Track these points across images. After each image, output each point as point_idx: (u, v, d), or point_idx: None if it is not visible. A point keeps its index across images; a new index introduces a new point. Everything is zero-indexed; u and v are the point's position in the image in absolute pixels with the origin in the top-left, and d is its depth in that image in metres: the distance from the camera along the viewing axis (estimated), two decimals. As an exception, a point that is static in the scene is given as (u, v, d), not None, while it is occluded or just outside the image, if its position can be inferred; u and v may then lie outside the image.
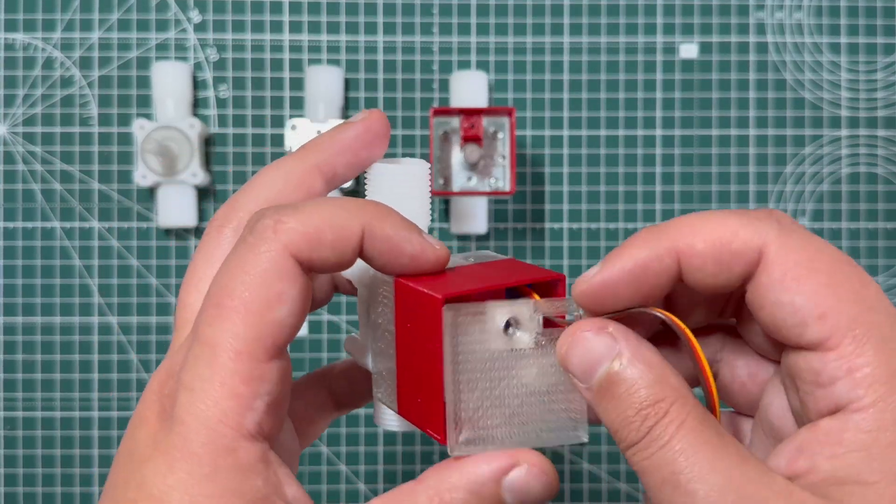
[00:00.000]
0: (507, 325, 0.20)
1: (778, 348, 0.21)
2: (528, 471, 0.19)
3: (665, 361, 0.19)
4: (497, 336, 0.20)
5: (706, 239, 0.19)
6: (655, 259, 0.19)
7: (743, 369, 0.22)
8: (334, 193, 0.26)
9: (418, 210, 0.23)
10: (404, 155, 0.46)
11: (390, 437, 0.45)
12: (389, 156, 0.45)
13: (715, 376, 0.22)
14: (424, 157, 0.46)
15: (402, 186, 0.23)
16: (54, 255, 0.45)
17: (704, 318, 0.22)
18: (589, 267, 0.20)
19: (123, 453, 0.21)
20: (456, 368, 0.19)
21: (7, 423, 0.45)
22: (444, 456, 0.23)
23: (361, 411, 0.45)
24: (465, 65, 0.46)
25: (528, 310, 0.20)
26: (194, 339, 0.19)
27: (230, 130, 0.46)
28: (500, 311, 0.20)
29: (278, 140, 0.46)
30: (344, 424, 0.45)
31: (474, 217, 0.45)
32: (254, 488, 0.18)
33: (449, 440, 0.19)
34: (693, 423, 0.18)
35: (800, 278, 0.18)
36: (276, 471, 0.19)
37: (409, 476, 0.45)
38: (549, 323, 0.21)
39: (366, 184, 0.24)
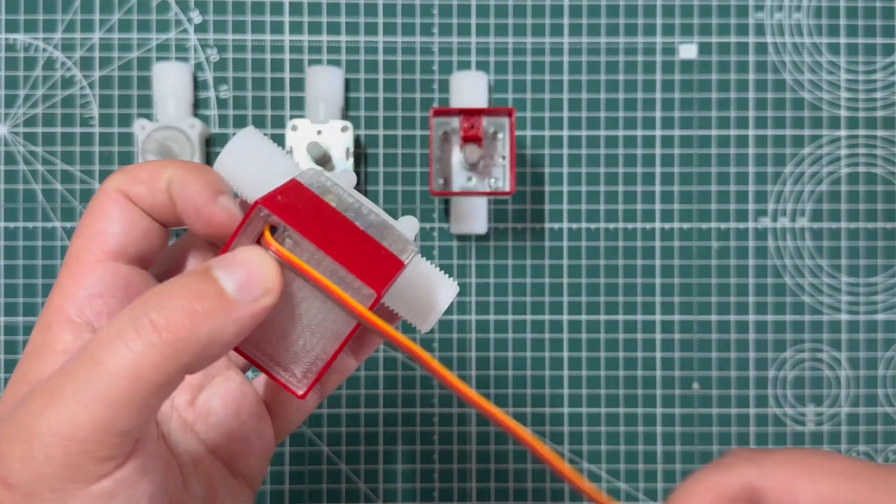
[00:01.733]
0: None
1: None
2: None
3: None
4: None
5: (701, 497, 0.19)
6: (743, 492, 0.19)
7: None
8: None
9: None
10: (403, 155, 0.46)
11: (390, 438, 0.46)
12: (391, 157, 0.45)
13: None
14: (424, 157, 0.46)
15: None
16: (55, 256, 0.45)
17: None
18: (585, 267, 0.21)
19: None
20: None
21: (8, 422, 0.45)
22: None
23: (362, 411, 0.46)
24: (465, 65, 0.46)
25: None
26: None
27: (231, 131, 0.46)
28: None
29: (279, 140, 0.46)
30: (344, 424, 0.46)
31: (474, 217, 0.45)
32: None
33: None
34: None
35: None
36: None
37: (410, 475, 0.45)
38: None
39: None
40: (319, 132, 0.43)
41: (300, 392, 0.22)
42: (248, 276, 0.19)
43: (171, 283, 0.19)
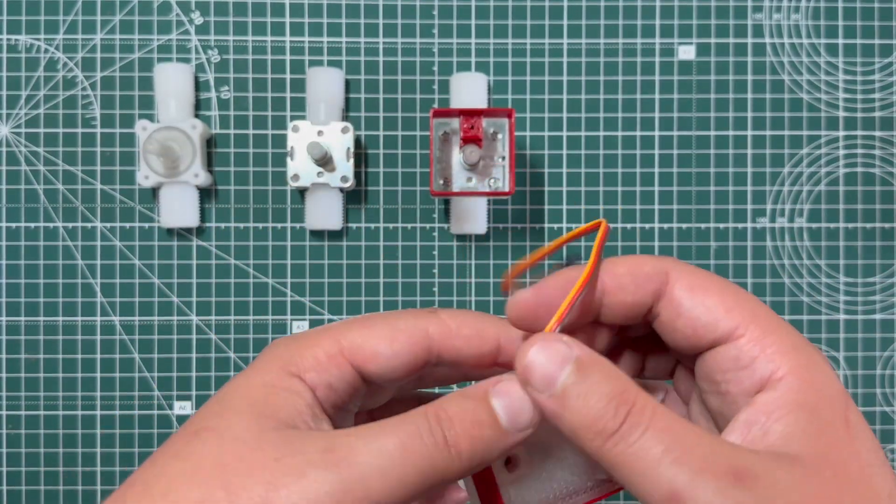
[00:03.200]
0: None
1: (685, 369, 0.25)
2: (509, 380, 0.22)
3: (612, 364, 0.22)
4: None
5: (625, 264, 0.23)
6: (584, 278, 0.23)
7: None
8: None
9: None
10: (403, 155, 0.46)
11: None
12: (391, 157, 0.45)
13: None
14: (424, 157, 0.46)
15: None
16: (57, 256, 0.46)
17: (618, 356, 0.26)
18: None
19: None
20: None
21: (10, 421, 0.45)
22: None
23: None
24: (464, 66, 0.46)
25: None
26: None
27: (232, 131, 0.46)
28: None
29: (280, 141, 0.46)
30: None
31: (474, 217, 0.45)
32: (297, 402, 0.22)
33: None
34: (660, 408, 0.20)
35: (704, 287, 0.22)
36: (319, 409, 0.23)
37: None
38: None
39: None
40: (320, 133, 0.43)
41: None
42: (518, 407, 0.21)
43: (459, 403, 0.22)
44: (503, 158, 0.42)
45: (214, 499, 0.19)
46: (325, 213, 0.44)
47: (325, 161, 0.43)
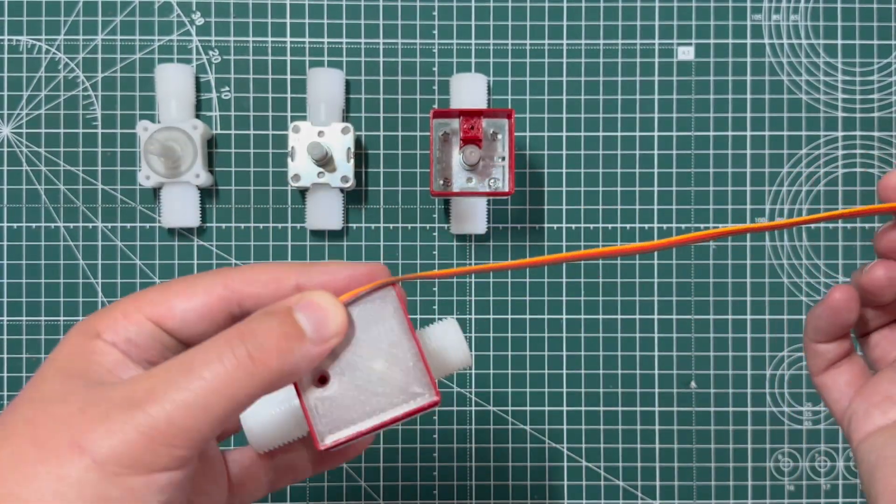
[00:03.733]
0: None
1: None
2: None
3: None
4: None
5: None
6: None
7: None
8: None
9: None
10: (403, 155, 0.46)
11: (391, 435, 0.46)
12: (391, 158, 0.46)
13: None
14: (425, 158, 0.46)
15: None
16: (58, 256, 0.46)
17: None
18: (584, 267, 0.22)
19: None
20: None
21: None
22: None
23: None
24: (464, 67, 0.46)
25: None
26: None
27: (233, 132, 0.46)
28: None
29: (280, 141, 0.46)
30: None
31: (474, 217, 0.45)
32: (102, 359, 0.23)
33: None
34: None
35: None
36: (129, 363, 0.23)
37: (410, 473, 0.46)
38: None
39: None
40: (321, 133, 0.44)
41: (321, 445, 0.23)
42: (322, 318, 0.23)
43: (261, 320, 0.22)
44: (503, 159, 0.42)
45: (23, 452, 0.20)
46: (325, 213, 0.44)
47: (325, 161, 0.43)
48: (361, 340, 0.24)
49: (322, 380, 0.24)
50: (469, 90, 0.45)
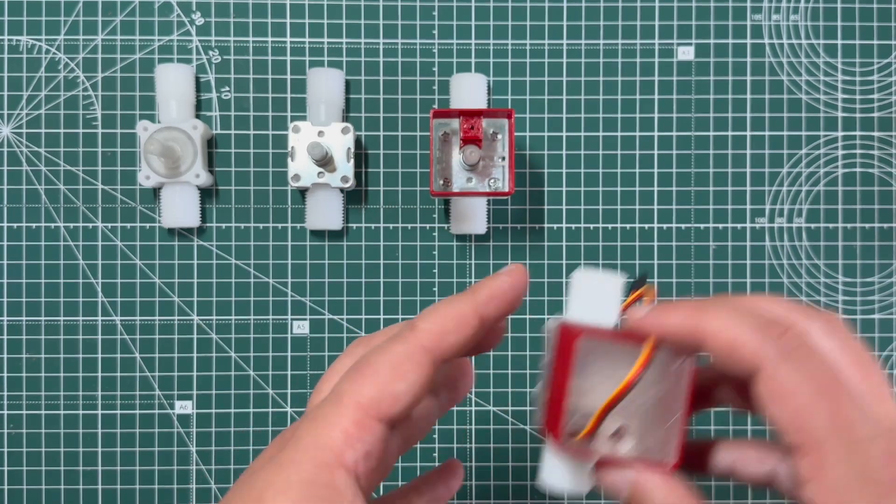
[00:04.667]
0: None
1: None
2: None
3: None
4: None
5: (723, 339, 0.24)
6: (685, 334, 0.25)
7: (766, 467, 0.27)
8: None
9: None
10: (403, 155, 0.46)
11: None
12: (391, 158, 0.46)
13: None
14: (424, 158, 0.46)
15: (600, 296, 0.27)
16: (58, 256, 0.46)
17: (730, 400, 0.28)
18: (585, 266, 0.22)
19: (243, 473, 0.25)
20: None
21: (12, 420, 0.45)
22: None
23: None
24: (464, 67, 0.46)
25: None
26: (330, 392, 0.24)
27: (232, 132, 0.46)
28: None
29: (280, 141, 0.46)
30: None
31: (474, 217, 0.45)
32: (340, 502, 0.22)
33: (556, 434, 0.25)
34: None
35: (785, 398, 0.23)
36: (361, 500, 0.23)
37: (410, 473, 0.46)
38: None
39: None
40: (321, 133, 0.44)
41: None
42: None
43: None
44: (503, 159, 0.42)
45: None
46: (325, 213, 0.44)
47: (325, 161, 0.43)
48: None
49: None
50: (469, 90, 0.45)
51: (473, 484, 0.46)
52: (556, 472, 0.27)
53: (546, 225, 0.46)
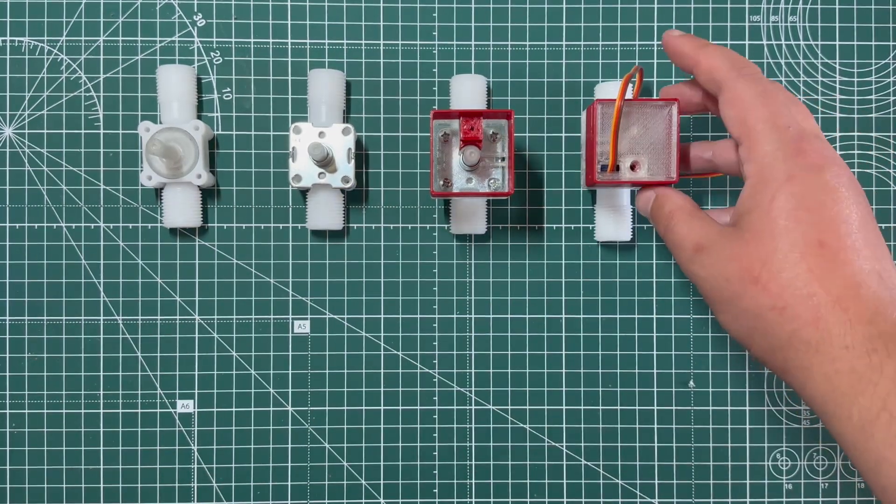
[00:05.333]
0: None
1: None
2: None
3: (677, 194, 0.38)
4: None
5: (708, 64, 0.37)
6: (688, 55, 0.38)
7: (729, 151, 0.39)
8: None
9: None
10: (403, 156, 0.46)
11: (391, 434, 0.46)
12: (392, 158, 0.46)
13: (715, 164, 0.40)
14: (425, 158, 0.46)
15: None
16: (60, 256, 0.46)
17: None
18: (583, 266, 0.22)
19: None
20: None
21: (14, 419, 0.46)
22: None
23: (363, 408, 0.46)
24: (464, 68, 0.46)
25: None
26: None
27: (234, 132, 0.46)
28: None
29: (281, 142, 0.46)
30: (345, 422, 0.46)
31: (474, 217, 0.45)
32: None
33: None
34: (686, 216, 0.37)
35: (736, 101, 0.35)
36: None
37: (410, 471, 0.46)
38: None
39: None
40: (322, 134, 0.44)
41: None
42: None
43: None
44: (502, 159, 0.42)
45: None
46: (326, 213, 0.45)
47: (326, 162, 0.43)
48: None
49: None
50: (469, 91, 0.45)
51: (473, 482, 0.46)
52: (604, 228, 0.45)
53: (545, 225, 0.47)
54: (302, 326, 0.46)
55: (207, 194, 0.46)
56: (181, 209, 0.45)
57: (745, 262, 0.32)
